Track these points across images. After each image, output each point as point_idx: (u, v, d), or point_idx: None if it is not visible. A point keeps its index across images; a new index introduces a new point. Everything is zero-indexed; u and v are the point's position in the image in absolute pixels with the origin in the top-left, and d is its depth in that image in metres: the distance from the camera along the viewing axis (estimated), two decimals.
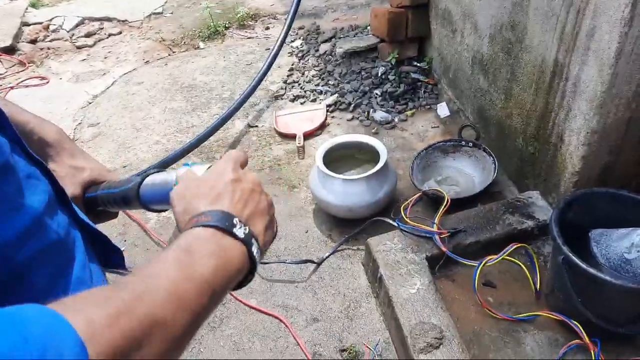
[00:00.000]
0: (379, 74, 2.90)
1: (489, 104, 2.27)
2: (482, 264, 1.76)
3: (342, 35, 3.29)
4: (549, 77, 1.80)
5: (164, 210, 0.85)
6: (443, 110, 2.66)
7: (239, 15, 3.92)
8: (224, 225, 0.61)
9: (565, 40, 1.67)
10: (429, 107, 2.74)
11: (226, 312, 1.88)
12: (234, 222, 0.63)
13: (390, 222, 2.00)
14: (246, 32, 3.82)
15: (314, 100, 2.90)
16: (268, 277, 1.99)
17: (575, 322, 1.58)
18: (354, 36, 3.22)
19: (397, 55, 2.87)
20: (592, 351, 1.55)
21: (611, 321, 1.52)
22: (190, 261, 0.57)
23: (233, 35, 3.80)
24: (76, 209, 0.74)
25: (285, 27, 2.96)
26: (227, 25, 3.89)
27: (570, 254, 1.47)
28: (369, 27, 3.20)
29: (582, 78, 1.63)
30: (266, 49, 3.47)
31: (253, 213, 0.67)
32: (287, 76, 3.13)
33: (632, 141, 1.70)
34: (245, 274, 0.63)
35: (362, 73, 2.95)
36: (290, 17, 2.98)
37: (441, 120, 2.65)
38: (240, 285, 0.64)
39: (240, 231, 0.62)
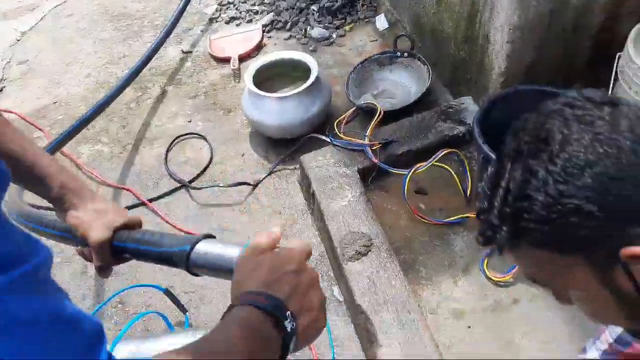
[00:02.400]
0: None
1: (422, 11, 2.20)
2: (412, 171, 1.76)
3: None
4: None
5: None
6: (381, 22, 2.57)
7: None
8: (278, 314, 0.63)
9: None
10: (367, 20, 2.65)
11: None
12: (287, 315, 0.64)
13: (324, 138, 1.97)
14: None
15: (250, 21, 2.78)
16: (204, 203, 1.97)
17: None
18: None
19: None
20: None
21: None
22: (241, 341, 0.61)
23: None
24: None
25: None
26: None
27: (489, 152, 1.46)
28: None
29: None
30: None
31: (304, 308, 0.67)
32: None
33: (555, 34, 1.66)
34: None
35: None
36: None
37: (380, 33, 2.57)
38: None
39: (288, 325, 0.64)
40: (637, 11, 1.67)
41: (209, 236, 0.86)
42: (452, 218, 1.72)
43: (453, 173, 1.80)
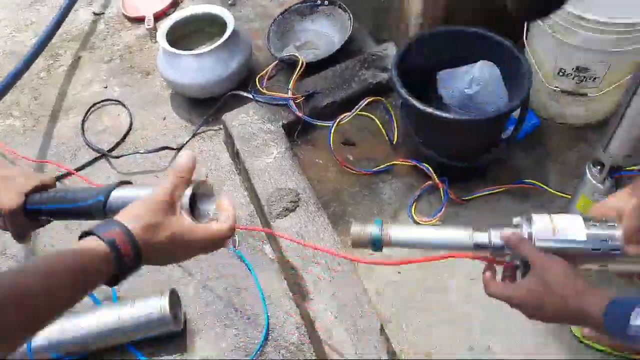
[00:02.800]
0: None
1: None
2: (336, 122, 1.73)
3: None
4: None
5: None
6: None
7: None
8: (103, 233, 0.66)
9: None
10: None
11: None
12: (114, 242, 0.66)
13: (247, 95, 1.90)
14: None
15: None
16: (126, 172, 1.88)
17: (425, 165, 1.61)
18: None
19: None
20: (440, 189, 1.59)
21: (456, 157, 1.55)
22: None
23: None
24: None
25: None
26: None
27: (407, 96, 1.44)
28: None
29: None
30: None
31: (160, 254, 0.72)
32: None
33: None
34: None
35: None
36: None
37: None
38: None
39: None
40: None
41: (125, 182, 0.84)
42: (380, 167, 1.71)
43: (378, 122, 1.78)
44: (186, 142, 1.93)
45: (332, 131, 1.71)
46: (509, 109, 1.42)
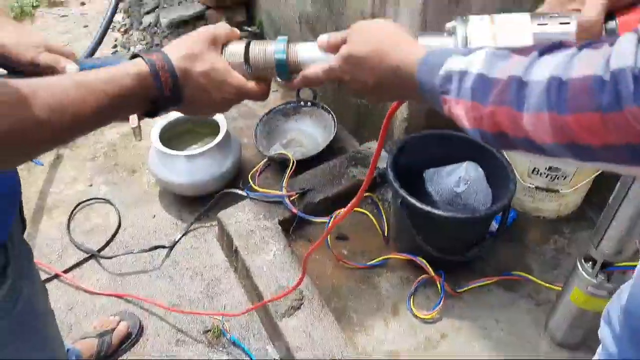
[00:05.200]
0: None
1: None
2: (332, 219, 1.81)
3: (166, 5, 3.09)
4: None
5: None
6: None
7: None
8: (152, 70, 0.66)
9: None
10: None
11: (74, 317, 1.72)
12: (157, 70, 0.66)
13: (240, 192, 1.96)
14: (59, 9, 3.44)
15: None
16: (117, 272, 1.85)
17: (420, 259, 1.69)
18: (179, 5, 3.04)
19: (226, 21, 2.78)
20: (437, 282, 1.67)
21: (450, 251, 1.65)
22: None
23: (44, 15, 3.40)
24: None
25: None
26: (35, 4, 3.46)
27: (406, 195, 1.55)
28: None
29: None
30: (84, 26, 3.16)
31: (200, 90, 0.71)
32: (112, 54, 2.88)
33: None
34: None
35: None
36: None
37: (280, 84, 2.62)
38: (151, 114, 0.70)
39: (157, 81, 0.66)
40: None
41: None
42: (374, 261, 1.78)
43: (371, 216, 1.87)
44: (178, 240, 1.94)
45: (329, 227, 1.77)
46: (501, 207, 1.55)
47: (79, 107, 0.58)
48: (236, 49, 0.76)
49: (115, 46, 2.94)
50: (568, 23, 0.63)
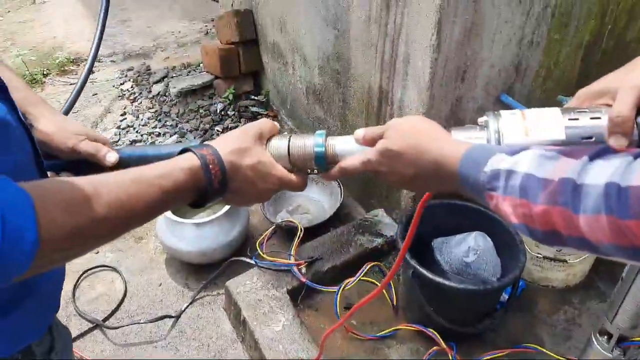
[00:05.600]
0: (218, 111, 2.86)
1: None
2: (341, 289, 1.80)
3: (174, 75, 3.20)
4: (376, 103, 1.92)
5: None
6: None
7: (58, 60, 3.63)
8: (203, 163, 0.70)
9: (385, 68, 1.80)
10: None
11: None
12: (207, 164, 0.70)
13: (248, 260, 1.96)
14: (68, 77, 3.55)
15: (153, 144, 2.77)
16: (122, 343, 1.82)
17: (431, 330, 1.68)
18: (188, 74, 3.15)
19: (233, 91, 2.87)
20: (449, 354, 1.65)
21: (461, 323, 1.64)
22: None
23: (54, 83, 3.50)
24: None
25: (90, 60, 2.83)
26: (45, 73, 3.58)
27: (417, 266, 1.55)
28: (201, 65, 3.15)
29: (404, 101, 1.76)
30: (93, 94, 3.24)
31: (244, 182, 0.75)
32: (120, 121, 2.95)
33: None
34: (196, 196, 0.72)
35: (201, 111, 2.89)
36: (93, 50, 2.89)
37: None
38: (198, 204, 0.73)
39: (208, 174, 0.70)
40: None
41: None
42: (384, 332, 1.75)
43: (379, 285, 1.86)
44: (184, 309, 1.92)
45: (339, 297, 1.77)
46: (513, 279, 1.55)
47: (135, 203, 0.61)
48: (279, 143, 0.82)
49: (124, 114, 3.01)
50: (599, 118, 0.64)
